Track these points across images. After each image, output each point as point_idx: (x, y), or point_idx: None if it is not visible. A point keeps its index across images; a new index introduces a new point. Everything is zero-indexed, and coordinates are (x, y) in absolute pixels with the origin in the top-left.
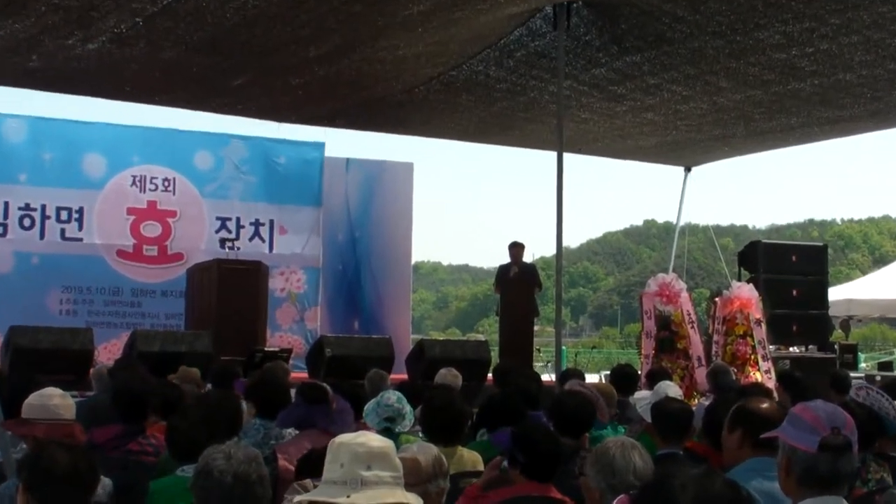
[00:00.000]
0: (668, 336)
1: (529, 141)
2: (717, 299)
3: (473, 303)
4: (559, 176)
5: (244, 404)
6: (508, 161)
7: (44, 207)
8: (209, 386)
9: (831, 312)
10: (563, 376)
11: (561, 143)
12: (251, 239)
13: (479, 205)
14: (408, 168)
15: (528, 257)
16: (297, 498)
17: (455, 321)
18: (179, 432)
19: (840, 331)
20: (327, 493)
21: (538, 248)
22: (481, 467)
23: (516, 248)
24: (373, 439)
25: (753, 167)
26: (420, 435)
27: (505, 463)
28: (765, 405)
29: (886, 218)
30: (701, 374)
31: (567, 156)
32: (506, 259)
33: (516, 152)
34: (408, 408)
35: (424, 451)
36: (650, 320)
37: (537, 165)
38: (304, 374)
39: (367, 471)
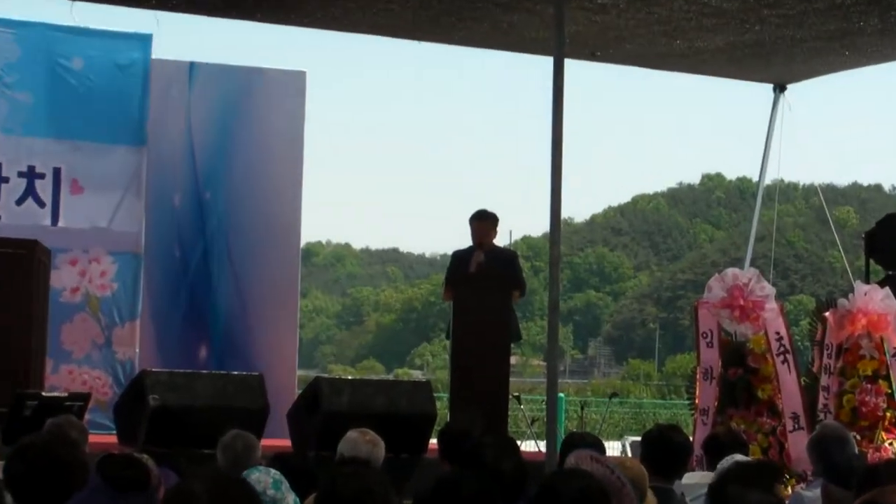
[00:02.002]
0: (743, 377)
1: (510, 40)
2: (827, 315)
3: (405, 316)
4: (556, 98)
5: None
6: (474, 75)
7: None
8: None
9: None
10: (565, 446)
11: (561, 44)
12: (20, 201)
13: (419, 149)
14: (297, 80)
15: (502, 238)
16: None
17: (374, 348)
18: None
19: None
20: None
21: (521, 223)
22: None
23: (482, 223)
24: None
25: (890, 85)
26: None
27: None
28: None
29: None
30: (799, 443)
31: (572, 65)
32: (464, 241)
33: (487, 60)
34: (291, 499)
35: None
36: (711, 349)
37: (521, 81)
38: (112, 438)
39: None
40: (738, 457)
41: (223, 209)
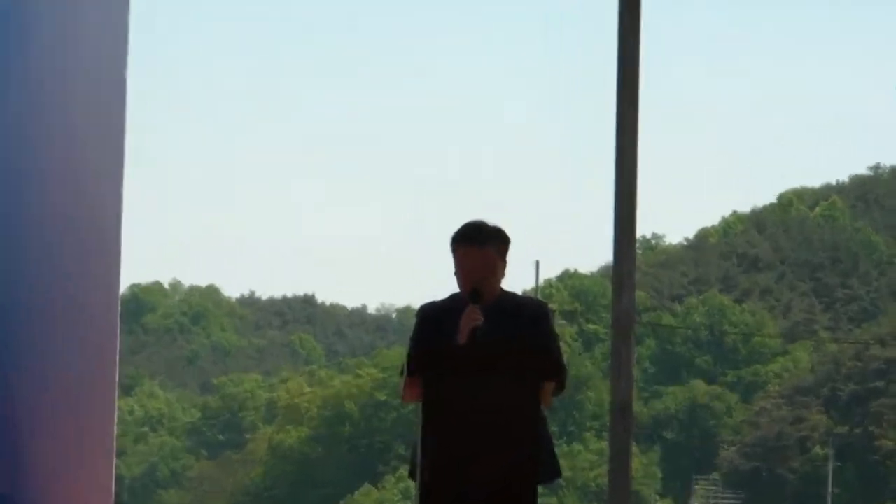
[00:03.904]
0: None
1: None
2: None
3: (329, 435)
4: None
5: None
6: None
7: None
8: None
9: None
10: None
11: None
12: None
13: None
14: None
15: (521, 278)
16: None
17: (266, 496)
18: None
19: None
20: None
21: (557, 253)
22: None
23: (478, 251)
24: None
25: None
26: None
27: None
28: None
29: None
30: None
31: None
32: (442, 287)
33: None
34: None
35: None
36: None
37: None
38: None
39: None
40: None
41: None
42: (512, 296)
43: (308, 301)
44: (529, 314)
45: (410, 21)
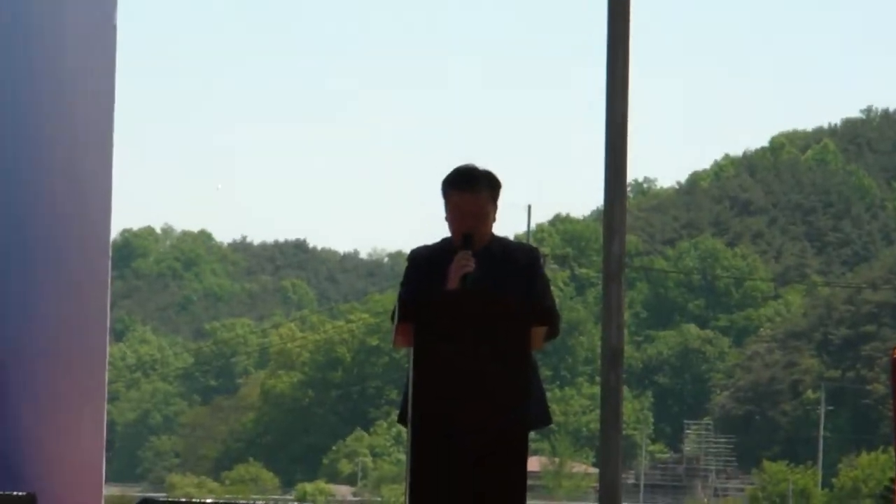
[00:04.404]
0: None
1: None
2: None
3: (321, 379)
4: None
5: None
6: None
7: None
8: None
9: None
10: None
11: None
12: None
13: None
14: None
15: (513, 223)
16: None
17: (258, 442)
18: None
19: None
20: None
21: (550, 197)
22: None
23: (470, 196)
24: None
25: None
26: None
27: None
28: None
29: None
30: None
31: None
32: (431, 232)
33: None
34: None
35: None
36: None
37: None
38: None
39: None
40: None
41: None
42: (503, 240)
43: (300, 246)
44: (520, 260)
45: None
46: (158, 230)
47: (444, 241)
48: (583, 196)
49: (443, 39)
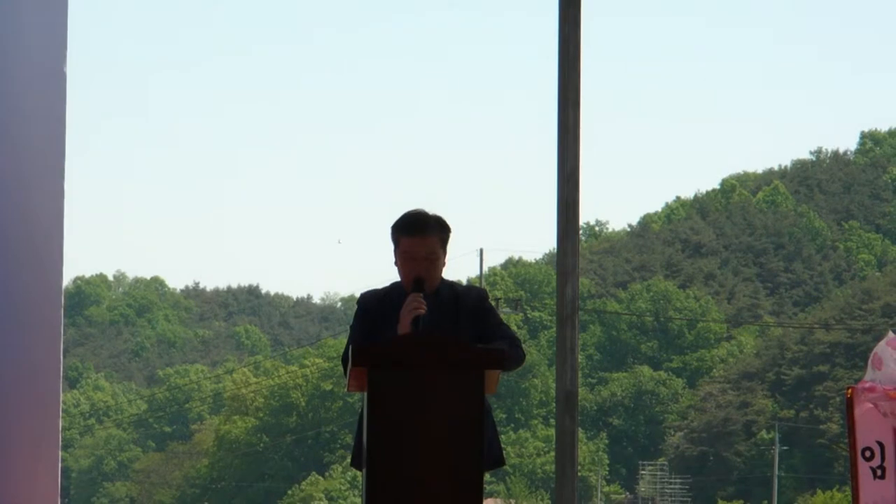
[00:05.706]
0: None
1: None
2: None
3: (275, 424)
4: None
5: None
6: None
7: None
8: None
9: None
10: None
11: None
12: None
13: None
14: None
15: (464, 267)
16: None
17: (212, 486)
18: None
19: None
20: None
21: (503, 239)
22: None
23: (420, 240)
24: None
25: None
26: None
27: None
28: None
29: None
30: None
31: None
32: (383, 276)
33: None
34: None
35: None
36: (882, 483)
37: None
38: None
39: None
40: None
41: None
42: (451, 284)
43: (252, 291)
44: (468, 302)
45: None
46: (111, 277)
47: (394, 284)
48: (535, 239)
49: (393, 86)
